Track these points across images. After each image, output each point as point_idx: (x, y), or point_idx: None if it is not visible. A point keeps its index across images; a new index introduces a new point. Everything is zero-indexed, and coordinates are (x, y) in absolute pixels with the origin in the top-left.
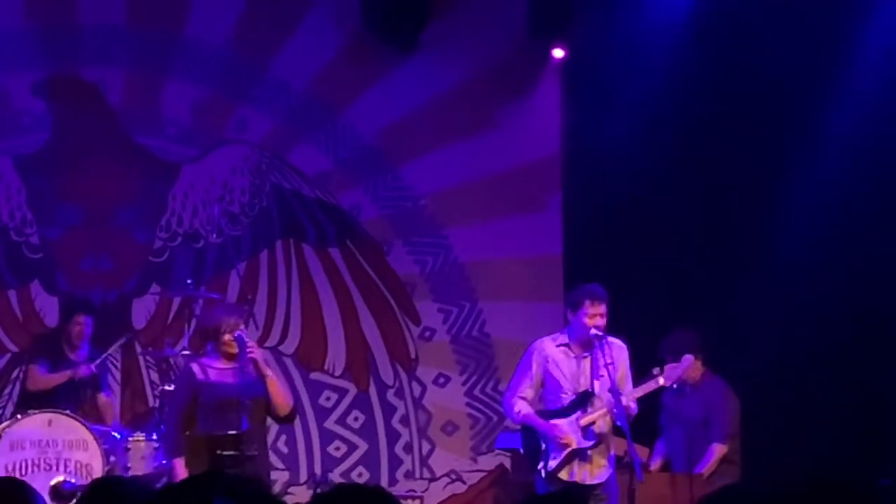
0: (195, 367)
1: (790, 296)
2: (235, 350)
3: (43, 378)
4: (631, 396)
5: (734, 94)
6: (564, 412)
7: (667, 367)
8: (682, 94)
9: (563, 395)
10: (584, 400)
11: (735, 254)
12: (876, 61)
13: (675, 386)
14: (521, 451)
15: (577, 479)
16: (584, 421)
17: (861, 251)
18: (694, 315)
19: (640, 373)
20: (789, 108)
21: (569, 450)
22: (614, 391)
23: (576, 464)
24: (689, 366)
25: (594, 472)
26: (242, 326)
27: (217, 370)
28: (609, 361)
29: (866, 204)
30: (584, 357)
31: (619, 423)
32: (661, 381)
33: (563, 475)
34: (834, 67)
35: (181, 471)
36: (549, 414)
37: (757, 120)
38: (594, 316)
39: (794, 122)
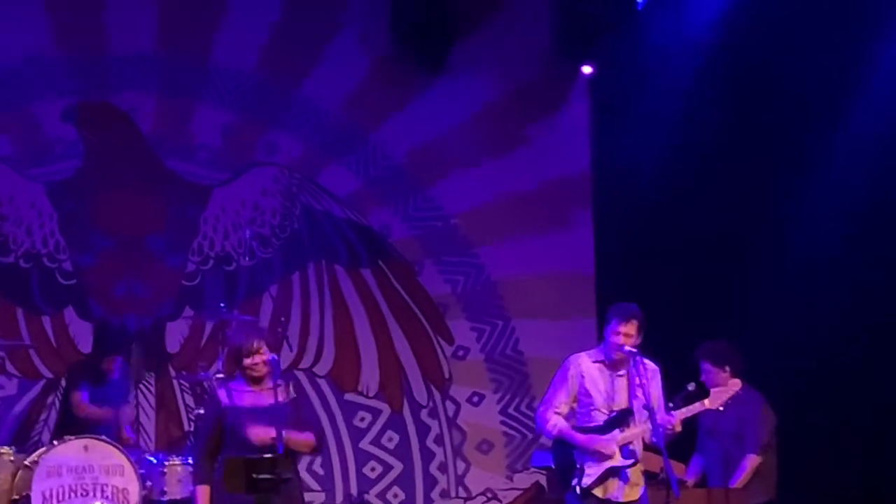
0: (221, 392)
1: (824, 310)
2: (258, 373)
3: (88, 408)
4: (678, 418)
5: (763, 108)
6: (602, 429)
7: (713, 391)
8: (710, 108)
9: (595, 412)
10: (622, 418)
11: (768, 268)
12: None
13: (721, 408)
14: (553, 466)
15: (612, 496)
16: (623, 439)
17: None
18: (727, 329)
19: (675, 387)
20: (819, 122)
21: (606, 467)
22: (650, 409)
23: (611, 481)
24: (737, 391)
25: (629, 490)
26: (265, 350)
27: (243, 393)
28: (644, 381)
29: None
30: (620, 375)
31: (654, 440)
32: (707, 403)
33: (599, 492)
34: (866, 78)
35: (202, 499)
36: (583, 431)
37: (787, 134)
38: (619, 334)
39: (825, 137)
